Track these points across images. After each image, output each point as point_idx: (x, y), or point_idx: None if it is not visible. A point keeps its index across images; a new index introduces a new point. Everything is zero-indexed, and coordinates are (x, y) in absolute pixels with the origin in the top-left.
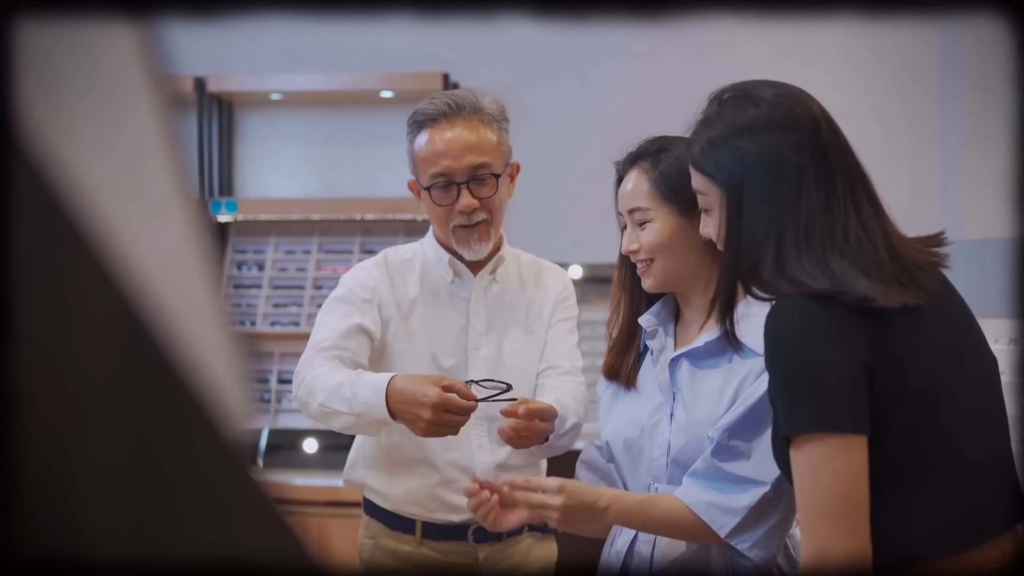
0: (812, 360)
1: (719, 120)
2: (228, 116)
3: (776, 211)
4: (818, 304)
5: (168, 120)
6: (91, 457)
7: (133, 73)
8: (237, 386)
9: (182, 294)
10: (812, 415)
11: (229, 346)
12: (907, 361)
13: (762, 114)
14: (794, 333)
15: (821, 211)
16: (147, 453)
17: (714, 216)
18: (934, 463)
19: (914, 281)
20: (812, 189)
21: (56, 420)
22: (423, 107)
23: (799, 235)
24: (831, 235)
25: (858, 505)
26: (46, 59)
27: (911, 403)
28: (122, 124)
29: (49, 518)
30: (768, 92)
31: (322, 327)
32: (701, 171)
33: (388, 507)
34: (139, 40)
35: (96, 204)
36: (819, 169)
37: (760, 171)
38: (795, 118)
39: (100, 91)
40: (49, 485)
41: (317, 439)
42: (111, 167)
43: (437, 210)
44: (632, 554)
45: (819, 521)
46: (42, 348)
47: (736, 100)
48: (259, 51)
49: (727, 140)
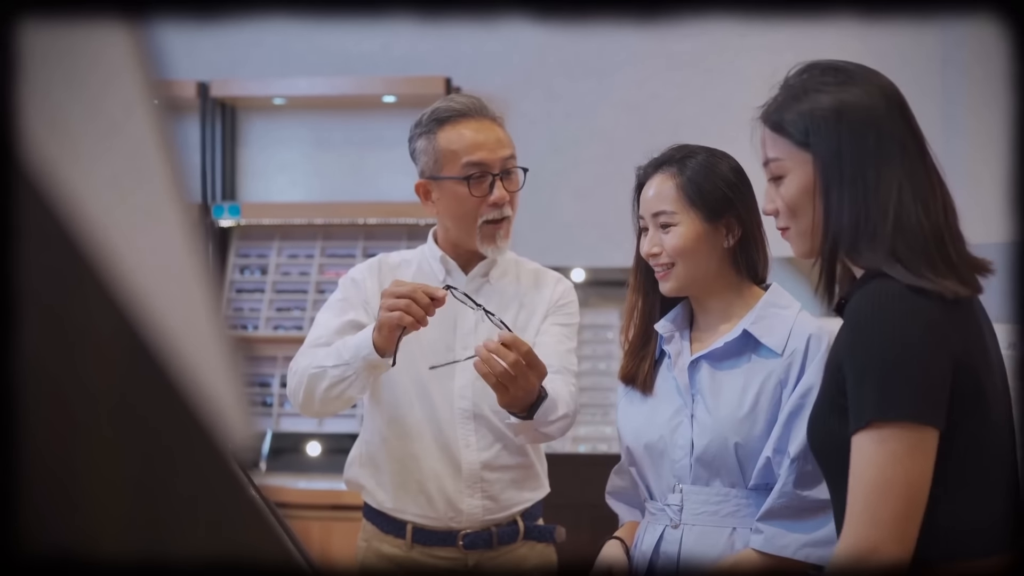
0: (911, 350)
1: (808, 91)
2: (231, 121)
3: (883, 179)
4: (917, 294)
5: (166, 126)
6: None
7: (130, 79)
8: (235, 394)
9: (179, 301)
10: (904, 404)
11: (226, 354)
12: (980, 359)
13: (855, 85)
14: (893, 319)
15: (919, 187)
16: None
17: (789, 184)
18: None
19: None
20: (909, 165)
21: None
22: (445, 105)
23: (916, 201)
24: (927, 212)
25: (915, 511)
26: (43, 66)
27: (980, 401)
28: (119, 131)
29: (53, 522)
30: (852, 66)
31: (318, 325)
32: (791, 140)
33: (380, 507)
34: (136, 45)
35: (94, 212)
36: (912, 145)
37: (863, 140)
38: (887, 94)
39: (97, 98)
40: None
41: (320, 442)
42: (108, 174)
43: (468, 203)
44: (658, 554)
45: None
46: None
47: (823, 72)
48: (262, 56)
49: (824, 111)
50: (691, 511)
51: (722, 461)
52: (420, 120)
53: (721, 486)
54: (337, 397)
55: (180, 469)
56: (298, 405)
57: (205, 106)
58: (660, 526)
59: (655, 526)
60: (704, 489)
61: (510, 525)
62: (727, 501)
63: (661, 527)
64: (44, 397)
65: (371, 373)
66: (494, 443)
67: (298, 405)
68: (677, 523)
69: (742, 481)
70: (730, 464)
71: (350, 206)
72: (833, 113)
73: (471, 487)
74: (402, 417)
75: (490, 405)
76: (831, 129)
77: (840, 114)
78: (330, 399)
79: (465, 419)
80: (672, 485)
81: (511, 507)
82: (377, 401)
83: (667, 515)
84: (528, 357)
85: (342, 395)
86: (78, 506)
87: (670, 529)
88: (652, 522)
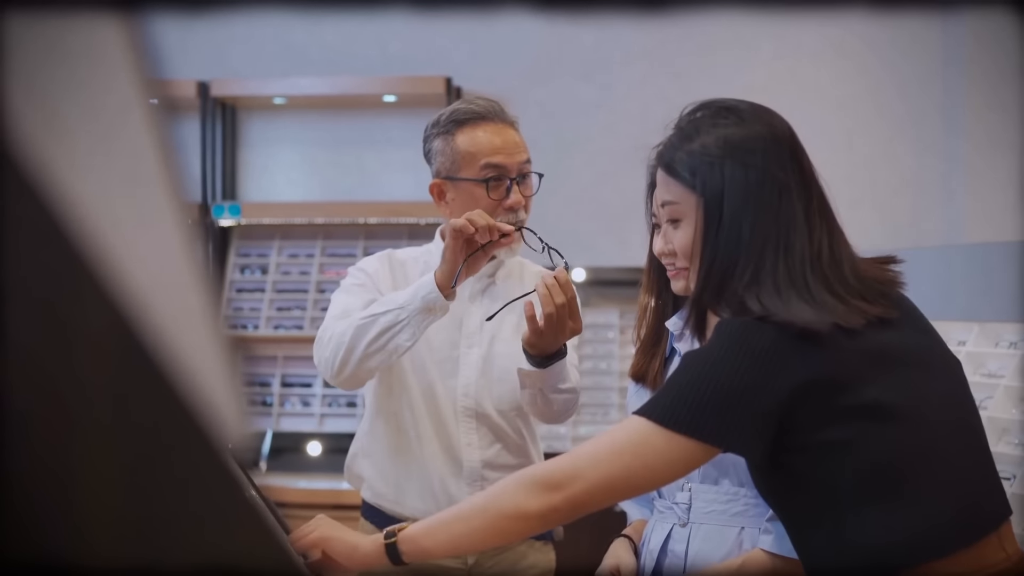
0: (710, 371)
1: (698, 132)
2: (231, 120)
3: (759, 223)
4: (756, 326)
5: (163, 125)
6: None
7: (127, 78)
8: (232, 394)
9: (176, 301)
10: (667, 409)
11: (224, 354)
12: (860, 377)
13: (743, 127)
14: (717, 347)
15: (802, 225)
16: (143, 460)
17: (685, 228)
18: (910, 473)
19: (877, 297)
20: (794, 203)
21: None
22: (464, 107)
23: (779, 247)
24: (810, 249)
25: (622, 485)
26: (38, 65)
27: (869, 417)
28: (116, 130)
29: (48, 523)
30: (745, 106)
31: (340, 303)
32: (679, 180)
33: (379, 502)
34: (132, 45)
35: (91, 212)
36: (799, 184)
37: (744, 182)
38: (775, 133)
39: (95, 97)
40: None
41: (320, 442)
42: (104, 174)
43: (484, 205)
44: (666, 552)
45: (591, 457)
46: (41, 358)
47: (714, 113)
48: (262, 55)
49: (708, 150)
50: (699, 510)
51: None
52: (438, 120)
53: (730, 485)
54: (382, 348)
55: (177, 469)
56: (332, 368)
57: (205, 106)
58: (668, 524)
59: (663, 524)
60: (713, 488)
61: None
62: (736, 500)
63: (669, 525)
64: (40, 396)
65: (426, 317)
66: (495, 442)
67: (332, 368)
68: (685, 521)
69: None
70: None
71: (351, 205)
72: (717, 155)
73: (472, 485)
74: (405, 414)
75: (492, 403)
76: (715, 172)
77: (723, 156)
78: (373, 352)
79: (467, 417)
80: (681, 483)
81: None
82: (380, 397)
83: (675, 513)
84: (572, 303)
85: (388, 344)
86: (73, 506)
87: (678, 527)
88: (660, 520)
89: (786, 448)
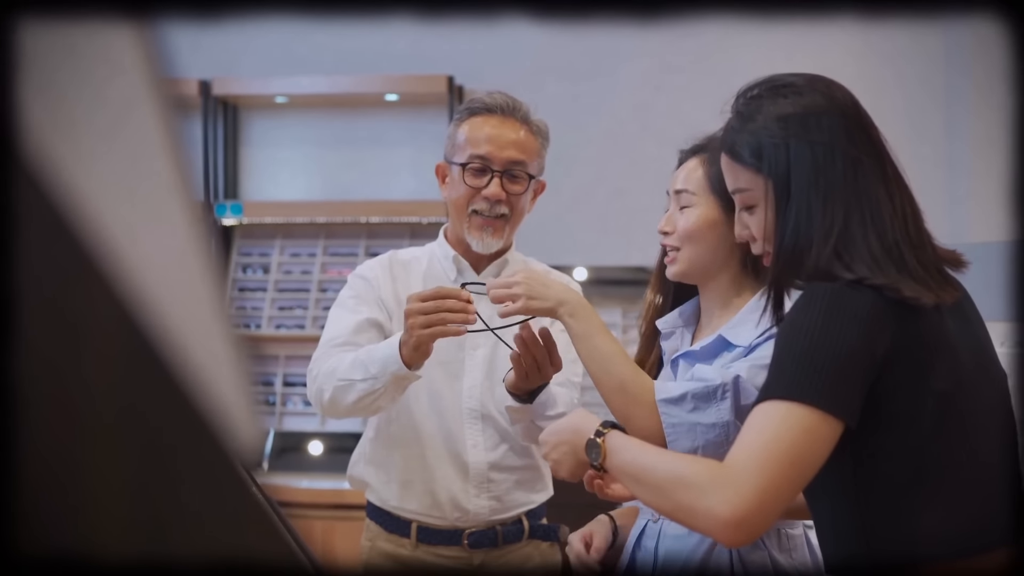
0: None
1: (757, 113)
2: (233, 119)
3: (833, 199)
4: (853, 289)
5: (170, 123)
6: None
7: (134, 76)
8: (240, 392)
9: (184, 299)
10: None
11: (232, 352)
12: (933, 360)
13: (802, 102)
14: (815, 313)
15: (884, 198)
16: (150, 459)
17: (759, 213)
18: (951, 466)
19: (945, 278)
20: (870, 176)
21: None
22: (482, 97)
23: (866, 222)
24: (898, 222)
25: (788, 485)
26: (46, 62)
27: (934, 402)
28: (123, 128)
29: (54, 522)
30: (800, 80)
31: (333, 323)
32: (744, 164)
33: (384, 505)
34: (140, 43)
35: (97, 209)
36: (871, 155)
37: (811, 159)
38: (835, 103)
39: (101, 95)
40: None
41: (322, 441)
42: (112, 172)
43: (463, 190)
44: (639, 547)
45: (755, 480)
46: (48, 356)
47: (771, 92)
48: (264, 54)
49: (771, 131)
50: None
51: None
52: (460, 108)
53: None
54: (366, 408)
55: (183, 468)
56: (322, 411)
57: (207, 104)
58: (643, 519)
59: (640, 519)
60: None
61: (515, 524)
62: None
63: (644, 520)
64: (46, 395)
65: (399, 386)
66: (500, 443)
67: (322, 411)
68: (657, 517)
69: None
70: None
71: (352, 204)
72: (780, 134)
73: (478, 487)
74: (410, 416)
75: (496, 406)
76: (780, 152)
77: (787, 135)
78: (359, 409)
79: (472, 419)
80: None
81: (516, 508)
82: None
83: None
84: (551, 350)
85: (371, 406)
86: (80, 505)
87: (651, 523)
88: (640, 515)
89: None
